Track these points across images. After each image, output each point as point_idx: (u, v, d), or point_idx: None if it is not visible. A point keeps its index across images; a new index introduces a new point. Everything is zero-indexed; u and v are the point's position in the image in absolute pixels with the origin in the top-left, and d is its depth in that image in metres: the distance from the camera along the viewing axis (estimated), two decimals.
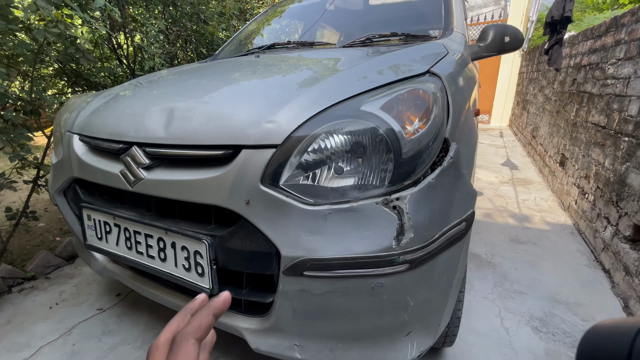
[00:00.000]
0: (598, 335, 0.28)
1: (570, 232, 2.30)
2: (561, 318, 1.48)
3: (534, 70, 4.98)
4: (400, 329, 0.79)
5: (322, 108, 0.78)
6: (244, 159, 0.79)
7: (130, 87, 1.30)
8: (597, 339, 0.28)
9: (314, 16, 2.10)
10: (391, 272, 0.71)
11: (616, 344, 0.24)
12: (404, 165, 0.73)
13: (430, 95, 0.81)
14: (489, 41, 1.53)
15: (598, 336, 0.28)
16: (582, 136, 2.55)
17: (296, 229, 0.74)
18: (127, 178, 0.95)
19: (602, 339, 0.27)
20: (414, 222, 0.70)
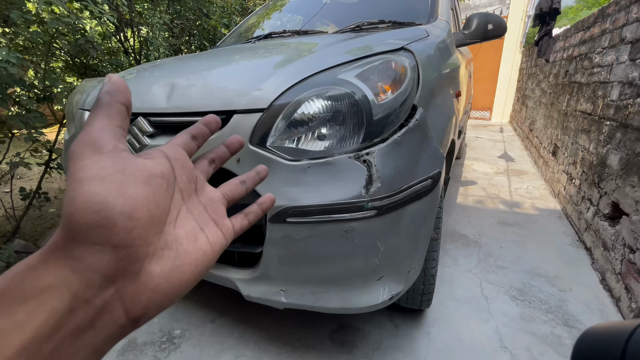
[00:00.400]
0: (592, 337, 0.28)
1: (558, 216, 2.38)
2: (539, 289, 1.57)
3: (533, 66, 5.04)
4: (372, 273, 0.89)
5: (303, 77, 0.88)
6: (235, 122, 0.90)
7: (136, 71, 1.42)
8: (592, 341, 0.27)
9: (311, 9, 2.21)
10: (361, 217, 0.81)
11: (610, 345, 0.25)
12: (374, 125, 0.83)
13: (401, 67, 0.91)
14: (473, 28, 1.63)
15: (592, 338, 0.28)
16: (572, 125, 2.62)
17: (280, 182, 0.84)
18: (133, 146, 1.06)
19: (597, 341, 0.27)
20: (381, 174, 0.81)
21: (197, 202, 0.27)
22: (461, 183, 3.12)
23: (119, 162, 0.20)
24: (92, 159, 0.19)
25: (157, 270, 0.21)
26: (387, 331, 1.31)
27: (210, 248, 0.25)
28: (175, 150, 0.26)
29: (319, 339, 1.28)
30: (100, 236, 0.18)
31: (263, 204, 0.33)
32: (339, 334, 1.30)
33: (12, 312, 0.16)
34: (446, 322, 1.36)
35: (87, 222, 0.18)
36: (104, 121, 0.21)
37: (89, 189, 0.18)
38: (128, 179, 0.20)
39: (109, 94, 0.22)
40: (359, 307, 0.92)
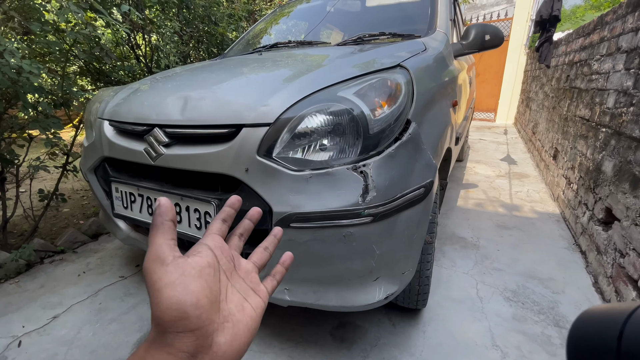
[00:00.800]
0: (589, 319, 0.27)
1: (556, 220, 2.43)
2: (532, 290, 1.63)
3: (536, 68, 5.06)
4: (369, 274, 0.97)
5: (306, 94, 0.96)
6: (244, 135, 0.98)
7: (150, 81, 1.51)
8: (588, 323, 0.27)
9: (315, 17, 2.29)
10: (358, 223, 0.89)
11: (607, 327, 0.24)
12: (370, 139, 0.91)
13: (396, 85, 0.99)
14: (471, 39, 1.69)
15: (589, 320, 0.27)
16: (572, 130, 2.67)
17: (284, 190, 0.93)
18: (149, 154, 1.15)
19: (593, 323, 0.26)
20: (376, 184, 0.89)
21: (237, 276, 0.34)
22: (462, 186, 3.18)
23: (179, 268, 0.28)
24: (161, 270, 0.27)
25: (222, 340, 0.28)
26: (385, 329, 1.39)
27: (254, 313, 0.33)
28: (214, 240, 0.33)
29: (321, 335, 1.37)
30: (181, 326, 0.25)
31: (284, 262, 0.41)
32: (339, 331, 1.38)
33: None
34: (441, 321, 1.43)
35: (171, 318, 0.25)
36: (161, 239, 0.29)
37: (166, 294, 0.26)
38: (188, 278, 0.27)
39: (161, 216, 0.30)
40: (356, 306, 1.00)
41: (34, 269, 1.89)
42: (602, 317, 0.26)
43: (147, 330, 1.40)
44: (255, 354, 1.28)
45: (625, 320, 0.23)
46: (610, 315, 0.25)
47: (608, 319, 0.25)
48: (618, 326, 0.23)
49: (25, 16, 1.91)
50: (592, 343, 0.26)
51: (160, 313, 0.25)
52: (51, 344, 1.34)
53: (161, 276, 0.27)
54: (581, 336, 0.27)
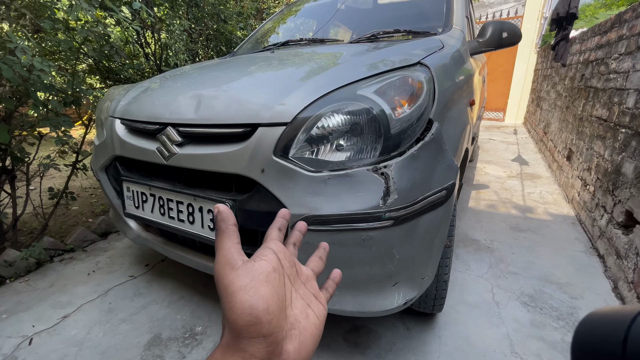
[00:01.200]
0: (594, 321, 0.27)
1: (571, 223, 2.37)
2: (550, 295, 1.59)
3: (548, 67, 4.97)
4: (387, 279, 0.94)
5: (324, 93, 0.93)
6: (259, 135, 0.95)
7: (161, 80, 1.49)
8: (593, 326, 0.27)
9: (326, 15, 2.25)
10: (379, 227, 0.86)
11: (612, 330, 0.24)
12: (391, 139, 0.88)
13: (417, 83, 0.95)
14: (488, 37, 1.65)
15: (594, 323, 0.27)
16: (587, 130, 2.61)
17: (301, 192, 0.90)
18: (162, 153, 1.13)
19: (598, 326, 0.26)
20: (398, 186, 0.85)
21: (300, 282, 0.34)
22: (473, 187, 3.13)
23: (249, 272, 0.28)
24: (232, 274, 0.27)
25: (291, 348, 0.28)
26: (400, 334, 1.35)
27: (318, 320, 0.32)
28: (277, 245, 0.33)
29: (333, 338, 1.34)
30: (254, 331, 0.25)
31: (335, 278, 0.41)
32: (352, 335, 1.35)
33: None
34: (457, 326, 1.39)
35: (245, 323, 0.25)
36: (228, 243, 0.30)
37: (239, 298, 0.26)
38: (258, 283, 0.27)
39: (224, 222, 0.31)
40: (374, 311, 0.96)
41: (43, 267, 1.89)
42: (607, 320, 0.26)
43: (157, 331, 1.38)
44: None
45: (630, 323, 0.23)
46: (615, 318, 0.25)
47: (613, 321, 0.25)
48: (623, 329, 0.23)
49: (36, 14, 1.90)
50: (597, 346, 0.26)
51: (234, 317, 0.25)
52: (62, 345, 1.33)
53: (233, 280, 0.27)
54: (586, 339, 0.27)
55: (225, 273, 0.27)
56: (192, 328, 1.40)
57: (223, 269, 0.28)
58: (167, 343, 1.33)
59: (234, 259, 0.28)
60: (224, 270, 0.28)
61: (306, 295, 0.33)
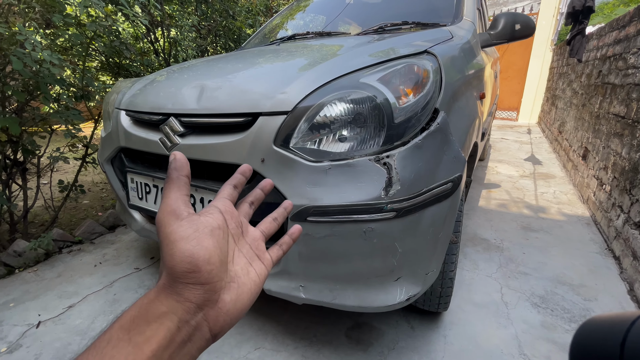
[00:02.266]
0: (593, 327, 0.27)
1: (586, 223, 2.29)
2: (562, 297, 1.53)
3: (564, 65, 4.84)
4: (390, 274, 0.91)
5: (326, 81, 0.91)
6: (260, 124, 0.94)
7: (166, 72, 1.49)
8: (592, 331, 0.27)
9: (334, 10, 2.23)
10: (380, 219, 0.83)
11: (610, 335, 0.24)
12: (395, 128, 0.85)
13: (423, 71, 0.92)
14: (500, 29, 1.60)
15: (593, 328, 0.27)
16: (604, 127, 2.51)
17: (302, 182, 0.88)
18: (165, 144, 1.12)
19: (596, 331, 0.27)
20: (401, 177, 0.82)
21: (244, 242, 0.35)
22: (484, 186, 3.06)
23: (193, 224, 0.28)
24: (176, 224, 0.28)
25: (227, 299, 0.29)
26: (403, 332, 1.32)
27: (258, 278, 0.33)
28: (224, 204, 0.34)
29: (335, 335, 1.31)
30: (192, 278, 0.26)
31: (293, 234, 0.40)
32: (355, 332, 1.32)
33: (142, 331, 0.24)
34: (463, 326, 1.35)
35: (184, 269, 0.26)
36: (176, 193, 0.30)
37: (180, 247, 0.26)
38: (201, 235, 0.28)
39: (177, 170, 0.31)
40: (375, 307, 0.94)
41: (52, 258, 1.92)
42: (606, 326, 0.26)
43: None
44: (269, 352, 1.24)
45: (628, 329, 0.23)
46: (613, 324, 0.25)
47: (611, 327, 0.25)
48: (621, 334, 0.23)
49: (47, 9, 1.93)
50: (595, 351, 0.26)
51: (174, 263, 0.26)
52: (65, 333, 1.34)
53: (176, 229, 0.27)
54: (584, 344, 0.28)
55: (169, 222, 0.28)
56: None
57: (167, 217, 0.28)
58: None
59: (179, 209, 0.28)
60: (167, 219, 0.28)
61: (249, 255, 0.34)
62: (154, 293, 0.26)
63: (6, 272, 1.74)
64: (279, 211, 0.41)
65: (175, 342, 0.25)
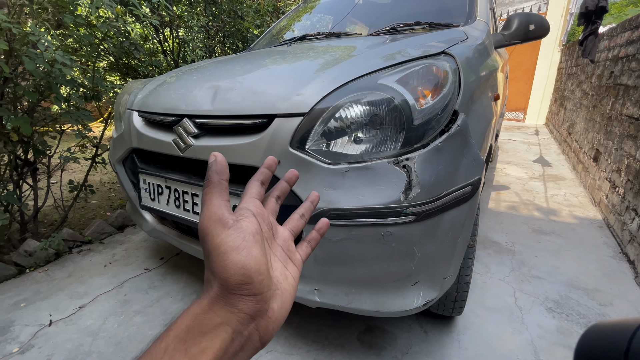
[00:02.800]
0: (597, 333, 0.27)
1: (598, 226, 2.26)
2: (577, 302, 1.51)
3: (573, 65, 4.78)
4: (407, 278, 0.90)
5: (343, 82, 0.90)
6: (276, 126, 0.93)
7: (177, 73, 1.49)
8: (596, 337, 0.27)
9: (343, 10, 2.22)
10: (399, 222, 0.81)
11: (614, 341, 0.24)
12: (414, 130, 0.84)
13: (442, 72, 0.91)
14: (513, 29, 1.58)
15: (597, 334, 0.27)
16: (616, 129, 2.48)
17: (318, 184, 0.86)
18: (178, 145, 1.12)
19: (601, 337, 0.27)
20: (420, 180, 0.81)
21: (276, 244, 0.33)
22: (493, 188, 3.03)
23: (240, 232, 0.27)
24: (224, 234, 0.27)
25: (275, 307, 0.29)
26: (416, 336, 1.30)
27: (294, 281, 0.33)
28: (255, 205, 0.32)
29: (347, 338, 1.30)
30: (245, 290, 0.26)
31: (320, 229, 0.38)
32: (367, 335, 1.31)
33: (198, 342, 0.24)
34: (477, 331, 1.33)
35: (238, 281, 0.26)
36: (218, 199, 0.28)
37: (233, 258, 0.26)
38: (249, 244, 0.27)
39: (218, 174, 0.30)
40: (392, 311, 0.92)
41: (62, 258, 1.92)
42: (610, 332, 0.26)
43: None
44: (281, 355, 1.23)
45: (632, 335, 0.23)
46: (617, 330, 0.25)
47: (615, 333, 0.25)
48: (625, 340, 0.23)
49: (58, 9, 1.94)
50: (599, 357, 0.26)
51: (227, 276, 0.26)
52: (77, 334, 1.34)
53: (225, 239, 0.26)
54: (589, 350, 0.27)
55: (216, 231, 0.27)
56: None
57: (213, 225, 0.27)
58: None
59: (225, 217, 0.27)
60: (214, 228, 0.27)
61: (283, 258, 0.33)
62: (207, 303, 0.26)
63: (17, 272, 1.75)
64: (305, 206, 0.39)
65: (229, 352, 0.26)
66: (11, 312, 1.46)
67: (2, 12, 1.47)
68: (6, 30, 1.51)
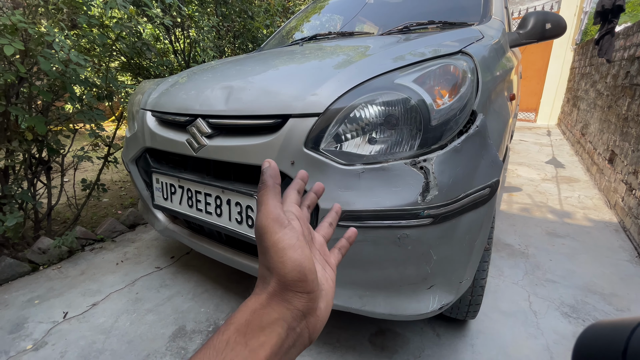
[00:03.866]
0: (595, 333, 0.27)
1: (614, 230, 2.21)
2: (594, 306, 1.47)
3: (587, 65, 4.69)
4: (423, 282, 0.88)
5: (359, 82, 0.89)
6: (290, 126, 0.92)
7: (190, 73, 1.49)
8: (594, 337, 0.27)
9: (353, 9, 2.20)
10: (416, 225, 0.80)
11: (612, 341, 0.24)
12: (432, 131, 0.82)
13: (460, 72, 0.89)
14: (529, 28, 1.55)
15: (595, 334, 0.27)
16: (633, 130, 2.42)
17: (333, 185, 0.85)
18: (192, 145, 1.12)
19: (599, 336, 0.27)
20: (438, 181, 0.79)
21: (315, 248, 0.35)
22: (504, 189, 2.99)
23: (295, 232, 0.29)
24: (282, 232, 0.28)
25: (322, 306, 0.30)
26: (429, 339, 1.29)
27: (332, 283, 0.34)
28: (297, 210, 0.33)
29: (359, 341, 1.29)
30: (300, 287, 0.27)
31: (350, 238, 0.41)
32: (379, 338, 1.30)
33: (257, 336, 0.25)
34: (491, 335, 1.31)
35: (294, 278, 0.27)
36: (275, 201, 0.30)
37: (290, 255, 0.27)
38: (302, 243, 0.29)
39: (272, 178, 0.31)
40: (407, 315, 0.91)
41: (75, 255, 1.94)
42: (608, 331, 0.26)
43: (182, 323, 1.38)
44: None
45: (630, 335, 0.23)
46: (615, 330, 0.25)
47: (613, 333, 0.25)
48: (623, 340, 0.23)
49: (72, 10, 1.96)
50: (597, 356, 0.26)
51: (285, 272, 0.27)
52: (90, 332, 1.35)
53: (282, 237, 0.28)
54: (587, 350, 0.28)
55: (274, 229, 0.28)
56: (215, 322, 1.39)
57: (272, 224, 0.28)
58: (192, 335, 1.32)
59: (281, 217, 0.29)
60: (272, 226, 0.28)
61: (321, 261, 0.34)
62: (265, 299, 0.27)
63: (31, 269, 1.78)
64: (331, 215, 0.41)
65: (284, 347, 0.27)
66: (25, 309, 1.48)
67: (18, 12, 1.49)
68: (22, 30, 1.53)
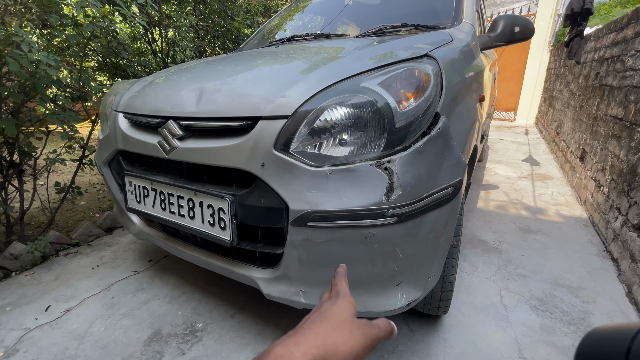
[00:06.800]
0: (597, 337, 0.28)
1: (584, 225, 2.30)
2: (561, 299, 1.53)
3: (561, 66, 4.86)
4: (390, 279, 0.91)
5: (327, 85, 0.91)
6: (260, 128, 0.93)
7: (164, 74, 1.48)
8: (597, 341, 0.27)
9: (333, 11, 2.22)
10: (381, 224, 0.82)
11: (615, 345, 0.24)
12: (396, 133, 0.85)
13: (424, 75, 0.92)
14: (499, 31, 1.60)
15: (597, 338, 0.27)
16: (602, 129, 2.53)
17: (302, 187, 0.87)
18: (163, 147, 1.11)
19: (601, 341, 0.27)
20: (402, 182, 0.82)
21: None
22: (482, 187, 3.07)
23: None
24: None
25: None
26: (403, 335, 1.32)
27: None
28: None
29: None
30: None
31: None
32: None
33: None
34: (463, 329, 1.35)
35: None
36: (346, 289, 0.42)
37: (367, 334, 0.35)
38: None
39: (343, 268, 0.45)
40: (376, 312, 0.93)
41: (49, 261, 1.90)
42: (610, 336, 0.26)
43: (158, 327, 1.37)
44: None
45: (632, 339, 0.23)
46: (618, 334, 0.25)
47: (616, 337, 0.25)
48: (625, 344, 0.23)
49: (44, 9, 1.91)
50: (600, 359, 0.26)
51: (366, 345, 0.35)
52: (63, 338, 1.33)
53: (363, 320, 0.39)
54: (589, 354, 0.28)
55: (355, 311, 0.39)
56: (192, 324, 1.39)
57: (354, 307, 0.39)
58: (167, 339, 1.31)
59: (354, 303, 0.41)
60: (355, 308, 0.40)
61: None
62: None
63: (2, 275, 1.73)
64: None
65: None
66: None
67: None
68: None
